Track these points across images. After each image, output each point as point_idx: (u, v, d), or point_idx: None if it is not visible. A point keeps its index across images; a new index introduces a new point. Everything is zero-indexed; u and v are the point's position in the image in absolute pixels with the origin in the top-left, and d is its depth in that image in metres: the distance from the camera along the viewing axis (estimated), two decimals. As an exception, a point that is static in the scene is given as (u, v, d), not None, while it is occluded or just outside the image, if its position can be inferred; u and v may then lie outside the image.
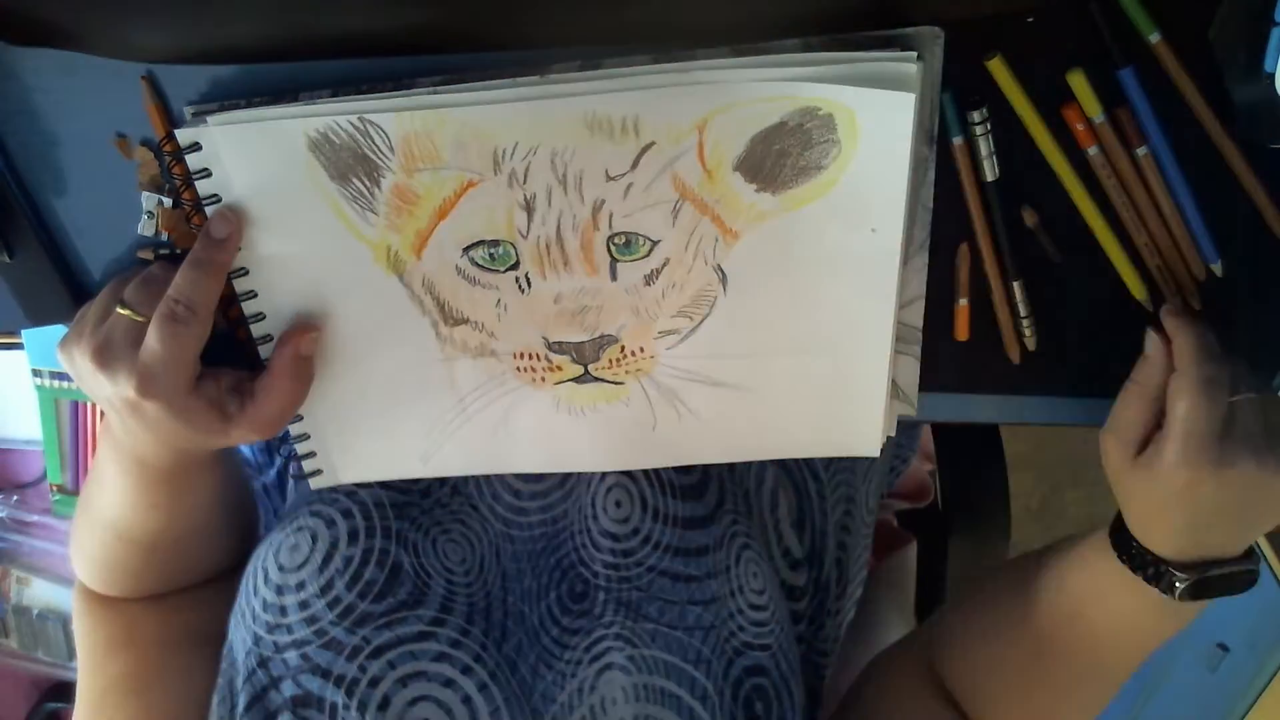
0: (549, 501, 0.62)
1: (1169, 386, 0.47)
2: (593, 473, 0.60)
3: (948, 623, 0.63)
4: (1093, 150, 0.48)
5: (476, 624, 0.56)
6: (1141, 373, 0.49)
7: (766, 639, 0.57)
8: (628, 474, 0.59)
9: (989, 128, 0.47)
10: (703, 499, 0.60)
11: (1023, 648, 0.56)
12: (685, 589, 0.57)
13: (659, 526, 0.58)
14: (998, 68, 0.46)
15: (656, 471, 0.59)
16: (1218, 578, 0.49)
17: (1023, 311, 0.53)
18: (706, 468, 0.61)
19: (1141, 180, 0.49)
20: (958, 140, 0.48)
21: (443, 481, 0.61)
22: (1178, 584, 0.48)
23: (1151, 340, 0.49)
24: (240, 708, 0.53)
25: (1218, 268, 0.51)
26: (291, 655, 0.53)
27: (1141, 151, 0.48)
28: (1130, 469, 0.48)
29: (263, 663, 0.53)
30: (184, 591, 0.64)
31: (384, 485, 0.59)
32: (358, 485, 0.58)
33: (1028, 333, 0.53)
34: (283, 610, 0.54)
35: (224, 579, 0.63)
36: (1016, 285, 0.52)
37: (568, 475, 0.62)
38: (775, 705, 0.56)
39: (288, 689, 0.52)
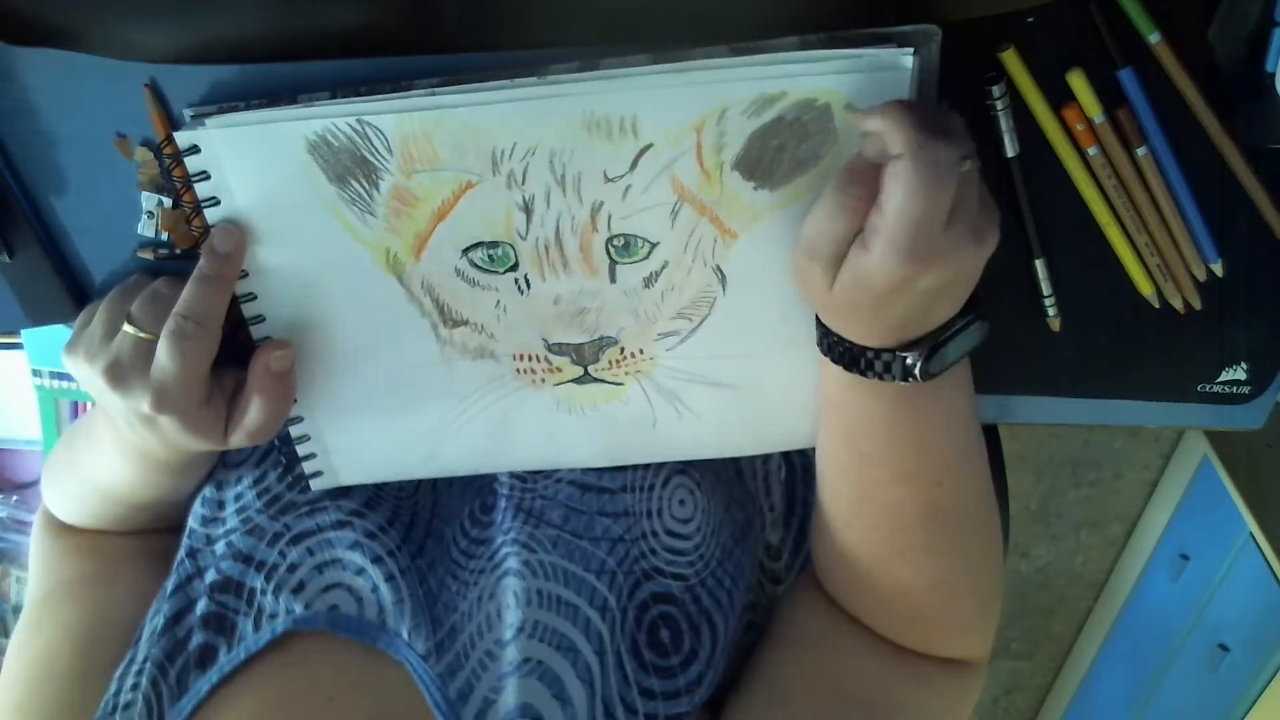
0: None
1: (884, 175, 0.39)
2: None
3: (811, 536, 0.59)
4: (1092, 150, 0.48)
5: (396, 529, 0.56)
6: (847, 186, 0.42)
7: (683, 569, 0.54)
8: None
9: (1008, 103, 0.47)
10: None
11: (838, 517, 0.53)
12: (595, 499, 0.55)
13: None
14: (1011, 59, 0.46)
15: None
16: (946, 345, 0.44)
17: (1045, 290, 0.52)
18: None
19: (1141, 180, 0.49)
20: None
21: None
22: (910, 363, 0.44)
23: (863, 148, 0.41)
24: (165, 594, 0.54)
25: (1218, 267, 0.51)
26: (220, 545, 0.55)
27: (1141, 152, 0.48)
28: (830, 281, 0.43)
29: (191, 553, 0.55)
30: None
31: None
32: None
33: (1051, 313, 0.53)
34: (220, 504, 0.57)
35: None
36: (1039, 263, 0.51)
37: None
38: (688, 637, 0.52)
39: (210, 575, 0.54)
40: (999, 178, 0.49)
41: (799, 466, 0.64)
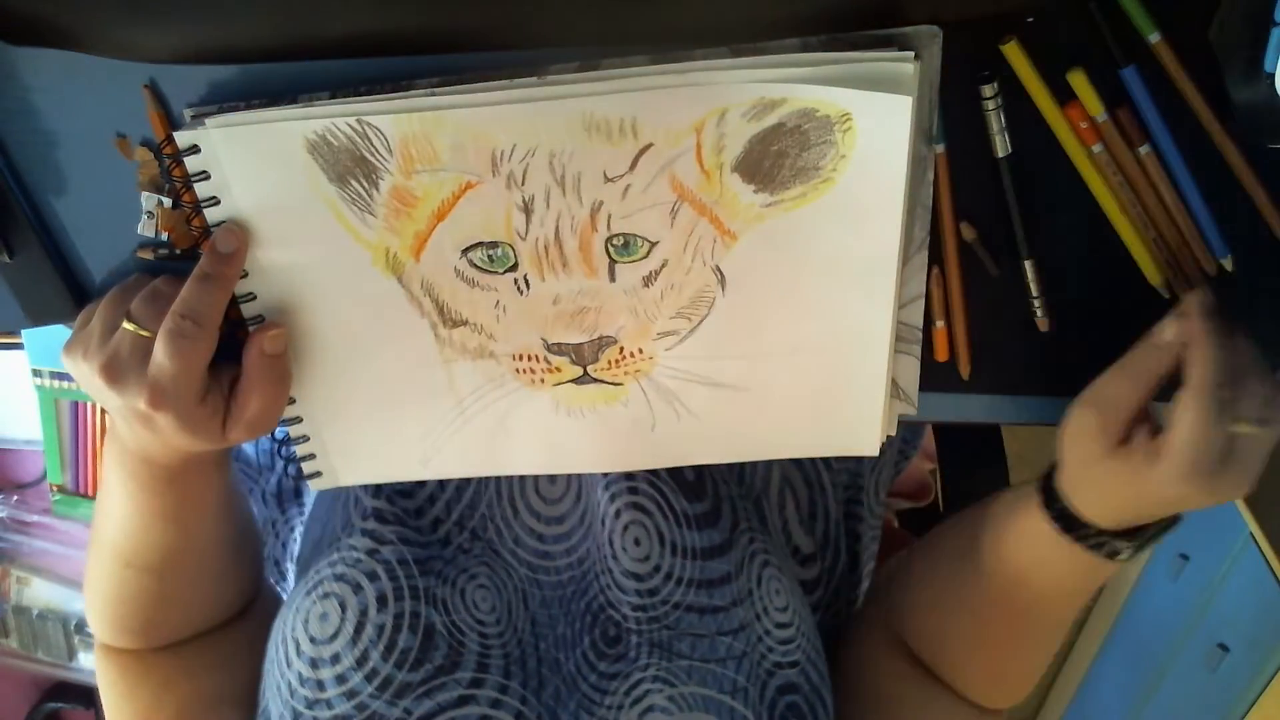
0: (572, 544, 0.62)
1: (1179, 399, 0.45)
2: (607, 509, 0.59)
3: (900, 586, 0.65)
4: (1096, 148, 0.48)
5: (514, 677, 0.56)
6: (1148, 357, 0.47)
7: (794, 655, 0.58)
8: (641, 509, 0.59)
9: (1000, 102, 0.47)
10: (718, 525, 0.60)
11: (969, 611, 0.58)
12: (713, 620, 0.57)
13: (679, 561, 0.58)
14: (1013, 51, 0.46)
15: (669, 503, 0.59)
16: (1153, 535, 0.50)
17: (1034, 291, 0.52)
18: (716, 489, 0.61)
19: (1146, 178, 0.49)
20: (939, 148, 0.48)
21: (460, 527, 0.61)
22: (1123, 554, 0.50)
23: (1170, 329, 0.47)
24: None
25: (1228, 262, 0.50)
26: None
27: (1144, 150, 0.48)
28: (1109, 453, 0.47)
29: None
30: (206, 649, 0.64)
31: (404, 540, 0.58)
32: (377, 543, 0.58)
33: (1039, 314, 0.53)
34: (320, 685, 0.54)
35: (242, 634, 0.64)
36: (1028, 264, 0.51)
37: (586, 513, 0.62)
38: (809, 716, 0.57)
39: None
40: (991, 177, 0.49)
41: (825, 483, 0.66)
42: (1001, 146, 0.48)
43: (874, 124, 0.44)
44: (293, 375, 0.53)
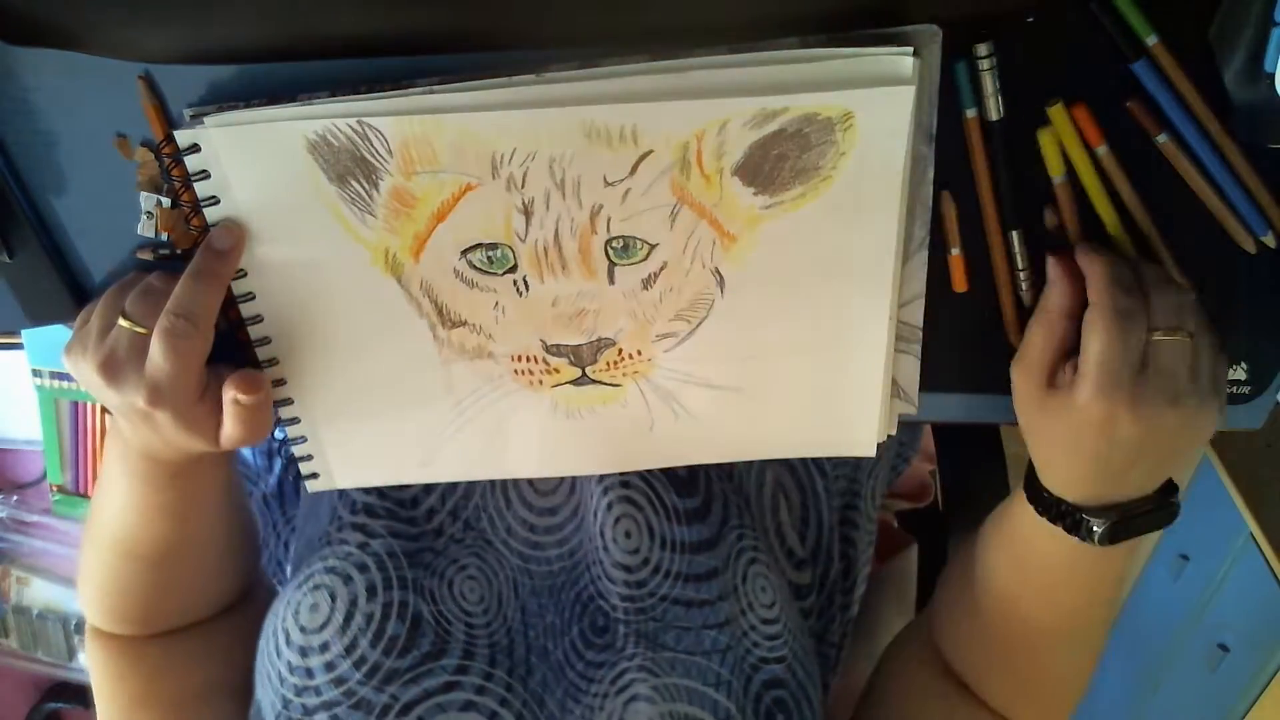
0: (564, 535, 0.62)
1: (1084, 320, 0.46)
2: (599, 501, 0.60)
3: (937, 597, 0.65)
4: (1161, 138, 0.47)
5: (500, 664, 0.57)
6: (1048, 299, 0.48)
7: (781, 650, 0.58)
8: (633, 503, 0.59)
9: (994, 63, 0.46)
10: (707, 520, 0.60)
11: (988, 614, 0.57)
12: (699, 614, 0.57)
13: (668, 554, 0.59)
14: (1057, 114, 0.47)
15: (660, 497, 0.59)
16: (1136, 519, 0.49)
17: (1020, 264, 0.52)
18: (708, 486, 0.61)
19: (1163, 170, 0.48)
20: (970, 113, 0.48)
21: (454, 518, 0.62)
22: (1095, 529, 0.49)
23: (1051, 264, 0.48)
24: None
25: (1270, 239, 0.50)
26: (321, 717, 0.53)
27: (1162, 139, 0.47)
28: (1041, 400, 0.48)
29: None
30: (199, 639, 0.64)
31: (394, 534, 0.59)
32: (368, 536, 0.59)
33: (1024, 286, 0.52)
34: (309, 672, 0.54)
35: (236, 626, 0.64)
36: (1015, 235, 0.51)
37: (579, 506, 0.62)
38: (795, 713, 0.57)
39: None
40: (984, 142, 0.49)
41: (817, 489, 0.67)
42: (995, 110, 0.48)
43: (875, 119, 0.44)
44: (291, 375, 0.53)
